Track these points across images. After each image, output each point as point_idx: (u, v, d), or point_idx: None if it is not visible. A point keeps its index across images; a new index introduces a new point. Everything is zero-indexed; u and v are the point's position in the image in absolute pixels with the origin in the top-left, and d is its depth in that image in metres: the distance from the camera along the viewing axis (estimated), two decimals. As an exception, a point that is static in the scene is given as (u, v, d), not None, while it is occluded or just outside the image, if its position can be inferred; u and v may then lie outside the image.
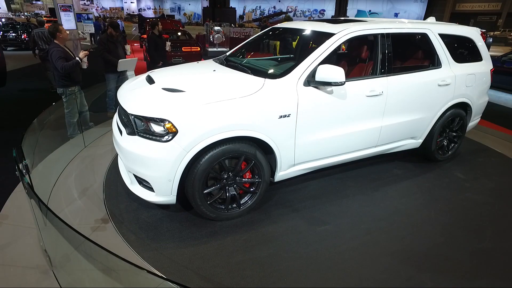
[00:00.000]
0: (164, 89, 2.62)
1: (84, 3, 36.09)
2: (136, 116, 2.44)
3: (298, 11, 37.59)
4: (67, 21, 8.26)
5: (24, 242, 2.44)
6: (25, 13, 35.14)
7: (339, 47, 2.99)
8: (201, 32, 14.86)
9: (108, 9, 44.26)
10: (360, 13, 34.30)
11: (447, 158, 4.04)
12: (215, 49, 12.00)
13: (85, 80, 4.11)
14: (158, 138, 2.36)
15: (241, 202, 2.75)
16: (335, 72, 2.58)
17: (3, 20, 15.74)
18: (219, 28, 11.27)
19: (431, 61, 3.59)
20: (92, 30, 11.46)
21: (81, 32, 10.47)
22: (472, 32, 3.88)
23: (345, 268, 2.26)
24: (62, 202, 2.89)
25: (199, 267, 2.22)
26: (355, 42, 3.87)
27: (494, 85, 9.16)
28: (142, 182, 2.54)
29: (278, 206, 2.95)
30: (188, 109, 2.36)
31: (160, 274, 2.00)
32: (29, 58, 10.18)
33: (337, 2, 26.76)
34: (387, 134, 3.34)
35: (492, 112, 6.90)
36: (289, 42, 4.63)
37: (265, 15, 34.92)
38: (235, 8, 19.77)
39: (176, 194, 2.48)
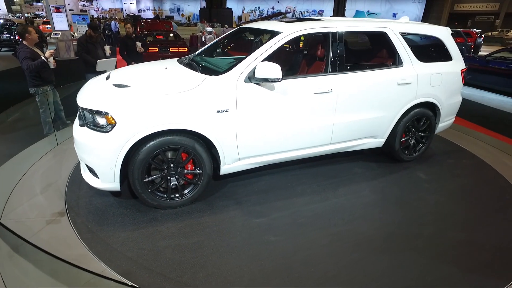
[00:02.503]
0: (114, 84, 2.82)
1: (84, 4, 37.38)
2: (83, 109, 2.66)
3: (296, 11, 37.65)
4: (59, 22, 8.73)
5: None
6: (25, 14, 36.43)
7: (291, 44, 3.08)
8: (195, 33, 15.14)
9: (108, 10, 45.62)
10: (358, 13, 34.10)
11: (414, 158, 4.00)
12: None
13: (67, 80, 4.40)
14: (101, 129, 2.55)
15: (184, 193, 2.90)
16: (272, 69, 2.68)
17: (1, 21, 16.55)
18: (210, 29, 11.59)
19: (391, 59, 3.59)
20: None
21: (74, 33, 10.96)
22: (441, 32, 3.82)
23: (264, 258, 2.34)
24: (23, 197, 3.01)
25: (128, 249, 2.38)
26: (312, 41, 3.92)
27: (479, 85, 8.95)
28: (91, 169, 2.75)
29: (223, 198, 3.07)
30: (126, 102, 2.54)
31: (91, 271, 2.09)
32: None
33: (335, 2, 26.51)
34: (342, 132, 3.37)
35: (473, 112, 6.76)
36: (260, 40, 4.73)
37: (263, 15, 35.16)
38: (231, 9, 20.03)
39: (119, 181, 2.66)
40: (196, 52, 3.92)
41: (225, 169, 3.01)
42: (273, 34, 3.06)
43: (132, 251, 2.36)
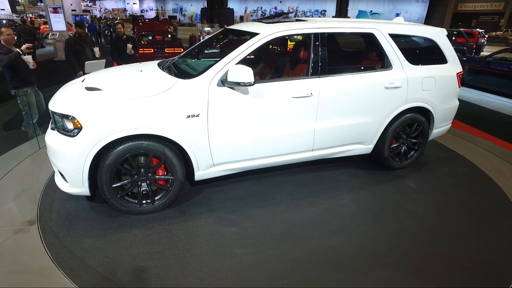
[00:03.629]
0: (86, 88, 2.78)
1: (87, 4, 37.75)
2: (53, 112, 2.63)
3: (299, 11, 37.37)
4: (57, 23, 8.84)
5: None
6: (29, 15, 36.98)
7: (266, 46, 2.97)
8: (195, 33, 15.10)
9: (111, 10, 46.10)
10: (361, 13, 33.65)
11: (405, 166, 3.82)
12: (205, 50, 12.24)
13: (63, 81, 4.32)
14: (68, 133, 2.52)
15: (155, 199, 2.84)
16: (244, 73, 2.58)
17: (4, 21, 16.91)
18: (209, 29, 11.52)
19: (379, 62, 3.43)
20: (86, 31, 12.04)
21: (73, 33, 11.10)
22: (435, 33, 3.63)
23: (226, 271, 2.24)
24: None
25: (90, 257, 2.33)
26: (296, 43, 3.79)
27: (479, 86, 8.59)
28: (61, 174, 2.72)
29: (197, 205, 2.99)
30: (91, 107, 2.49)
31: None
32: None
33: (338, 2, 26.06)
34: (324, 138, 3.24)
35: (472, 114, 6.47)
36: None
37: (266, 15, 34.99)
38: (232, 9, 19.90)
39: (87, 186, 2.62)
40: (181, 54, 3.85)
41: (199, 175, 2.92)
42: (251, 35, 2.96)
43: (94, 259, 2.31)
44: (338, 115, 3.20)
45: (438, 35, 3.64)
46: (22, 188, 3.17)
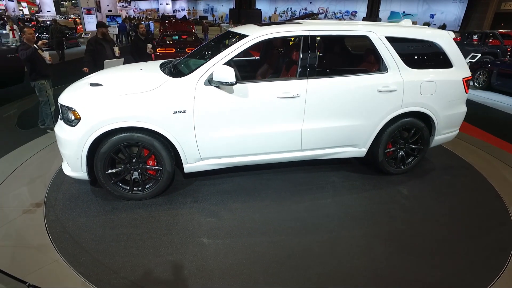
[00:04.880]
0: (90, 83, 3.10)
1: (122, 4, 39.46)
2: (60, 104, 2.97)
3: (329, 12, 36.35)
4: (90, 23, 9.59)
5: None
6: (71, 15, 39.34)
7: (258, 47, 3.09)
8: (220, 34, 15.20)
9: (145, 10, 47.86)
10: (393, 14, 31.89)
11: (402, 172, 3.72)
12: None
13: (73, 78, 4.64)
14: (70, 123, 2.84)
15: (146, 187, 3.08)
16: (226, 73, 2.73)
17: (48, 22, 18.31)
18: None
19: (374, 65, 3.40)
20: (116, 31, 12.77)
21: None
22: (439, 36, 3.50)
23: (193, 258, 2.40)
24: (12, 186, 3.29)
25: (79, 234, 2.61)
26: (284, 44, 3.85)
27: (509, 92, 8.02)
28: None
29: (184, 196, 3.19)
30: (89, 100, 2.79)
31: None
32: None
33: (369, 3, 24.90)
34: (313, 139, 3.28)
35: (494, 121, 6.06)
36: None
37: (296, 16, 34.53)
38: (260, 9, 19.89)
39: (86, 171, 2.92)
40: (187, 55, 4.09)
41: (188, 167, 3.12)
42: (241, 37, 3.10)
43: (82, 236, 2.59)
44: (326, 117, 3.23)
45: (443, 38, 3.51)
46: (36, 175, 3.52)
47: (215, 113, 2.94)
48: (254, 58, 4.65)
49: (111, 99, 2.78)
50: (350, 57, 3.96)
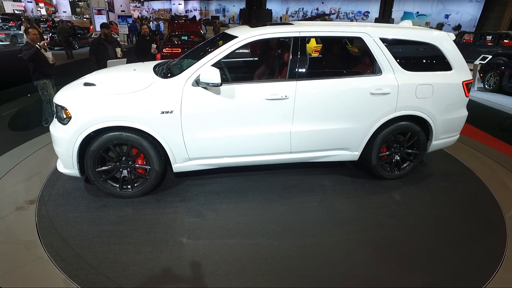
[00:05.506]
0: (84, 83, 3.19)
1: (136, 5, 39.85)
2: (55, 103, 3.07)
3: (341, 13, 35.77)
4: (100, 23, 9.83)
5: None
6: (86, 16, 40.03)
7: (247, 48, 3.08)
8: None
9: (157, 10, 48.32)
10: (406, 15, 31.04)
11: (397, 177, 3.63)
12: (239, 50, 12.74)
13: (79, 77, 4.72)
14: (62, 122, 2.94)
15: (135, 185, 3.14)
16: (211, 74, 2.75)
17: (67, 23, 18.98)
18: None
19: (368, 67, 3.33)
20: (127, 31, 13.00)
21: (114, 33, 12.00)
22: (438, 38, 3.39)
23: (170, 258, 2.42)
24: (9, 182, 3.38)
25: (66, 229, 2.69)
26: (280, 45, 3.82)
27: None
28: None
29: (173, 195, 3.23)
30: (80, 99, 2.88)
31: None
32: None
33: (381, 3, 24.25)
34: (302, 141, 3.25)
35: (504, 126, 5.82)
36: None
37: (307, 16, 34.12)
38: (271, 10, 19.65)
39: (77, 168, 3.01)
40: (182, 56, 4.14)
41: (176, 167, 3.16)
42: (231, 39, 3.10)
43: (68, 231, 2.67)
44: (316, 119, 3.19)
45: (441, 40, 3.39)
46: (34, 172, 3.60)
47: (202, 114, 2.96)
48: (252, 59, 4.65)
49: (100, 98, 2.85)
50: (344, 59, 3.89)
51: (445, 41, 3.40)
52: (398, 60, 3.28)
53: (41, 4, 39.65)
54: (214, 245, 2.55)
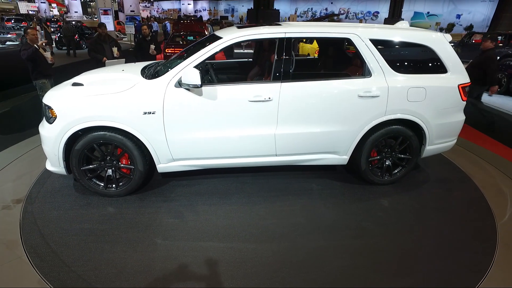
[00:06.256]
0: (72, 83, 3.24)
1: (145, 5, 40.03)
2: (43, 103, 3.14)
3: (350, 13, 35.10)
4: (106, 24, 10.01)
5: None
6: (96, 16, 41.14)
7: (231, 49, 3.06)
8: None
9: (166, 10, 48.57)
10: (417, 15, 30.10)
11: (389, 182, 3.52)
12: (241, 51, 13.24)
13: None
14: (48, 121, 3.00)
15: (119, 184, 3.17)
16: (192, 75, 2.74)
17: (73, 23, 19.21)
18: None
19: (357, 69, 3.24)
20: (133, 31, 13.20)
21: (119, 33, 12.14)
22: (433, 40, 3.26)
23: (145, 258, 2.43)
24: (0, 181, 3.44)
25: (47, 226, 2.73)
26: (269, 46, 3.77)
27: None
28: (48, 155, 3.23)
29: (157, 195, 3.24)
30: (64, 99, 2.93)
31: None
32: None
33: (391, 3, 23.57)
34: (288, 144, 3.19)
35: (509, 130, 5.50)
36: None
37: (316, 17, 33.61)
38: (278, 10, 19.37)
39: (64, 166, 3.06)
40: (174, 56, 4.15)
41: (161, 167, 3.17)
42: (216, 40, 3.09)
43: (48, 229, 2.71)
44: (301, 122, 3.13)
45: (436, 41, 3.26)
46: (25, 171, 3.63)
47: (185, 115, 2.96)
48: (247, 60, 4.62)
49: (84, 99, 2.89)
50: (339, 60, 3.80)
51: (440, 43, 3.27)
52: (389, 62, 3.18)
53: (54, 5, 40.81)
54: (188, 247, 2.54)
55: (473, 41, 12.21)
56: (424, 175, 3.82)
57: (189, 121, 2.98)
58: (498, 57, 8.34)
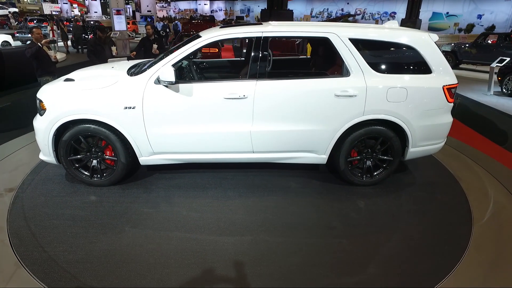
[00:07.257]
0: (64, 79, 3.47)
1: (162, 5, 40.25)
2: (36, 97, 3.39)
3: (367, 13, 33.76)
4: (119, 23, 10.33)
5: None
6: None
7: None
8: None
9: (183, 10, 48.86)
10: (435, 15, 28.41)
11: (369, 184, 3.47)
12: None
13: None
14: (40, 113, 3.24)
15: (104, 175, 3.36)
16: (166, 72, 2.86)
17: (91, 22, 19.84)
18: None
19: (335, 68, 3.23)
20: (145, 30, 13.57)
21: (130, 32, 12.49)
22: (417, 39, 3.19)
23: (112, 240, 2.58)
24: None
25: (32, 211, 2.94)
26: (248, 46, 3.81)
27: None
28: (41, 145, 3.48)
29: (139, 186, 3.40)
30: (53, 93, 3.15)
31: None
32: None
33: (409, 3, 22.37)
34: (263, 141, 3.25)
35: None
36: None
37: (331, 17, 32.66)
38: (292, 10, 19.00)
39: (54, 156, 3.29)
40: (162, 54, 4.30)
41: (142, 160, 3.33)
42: (195, 38, 3.19)
43: (32, 213, 2.92)
44: (277, 120, 3.17)
45: (419, 41, 3.19)
46: (21, 162, 3.88)
47: (163, 111, 3.09)
48: (238, 59, 4.70)
49: (70, 93, 3.10)
50: (323, 60, 3.79)
51: (423, 43, 3.20)
52: (369, 62, 3.15)
53: (75, 5, 42.53)
54: (155, 236, 2.66)
55: (490, 42, 11.56)
56: (410, 177, 3.73)
57: (168, 116, 3.11)
58: (508, 58, 7.89)
